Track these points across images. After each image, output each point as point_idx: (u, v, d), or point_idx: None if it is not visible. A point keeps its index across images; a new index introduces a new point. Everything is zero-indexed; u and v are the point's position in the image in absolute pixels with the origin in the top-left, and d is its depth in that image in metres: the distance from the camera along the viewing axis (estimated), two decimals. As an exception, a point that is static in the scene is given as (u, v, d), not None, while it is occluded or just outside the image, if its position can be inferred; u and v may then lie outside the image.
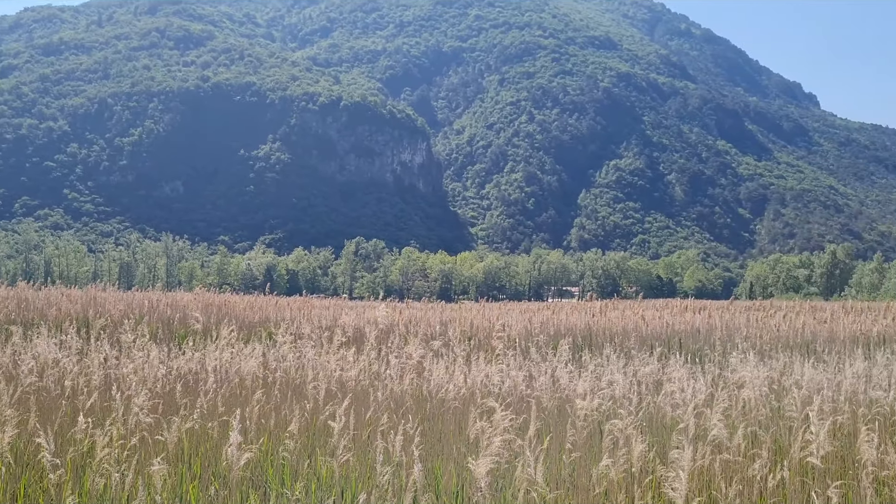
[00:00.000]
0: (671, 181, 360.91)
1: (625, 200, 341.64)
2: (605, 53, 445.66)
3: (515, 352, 12.64)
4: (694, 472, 5.70)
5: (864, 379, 10.56)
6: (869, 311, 32.36)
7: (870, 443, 5.68)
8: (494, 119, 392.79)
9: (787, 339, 22.99)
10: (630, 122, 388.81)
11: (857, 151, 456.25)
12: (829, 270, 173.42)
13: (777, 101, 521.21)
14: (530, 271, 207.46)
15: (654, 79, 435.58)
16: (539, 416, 7.60)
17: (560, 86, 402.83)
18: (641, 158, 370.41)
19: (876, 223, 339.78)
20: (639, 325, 26.62)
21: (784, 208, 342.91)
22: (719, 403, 7.65)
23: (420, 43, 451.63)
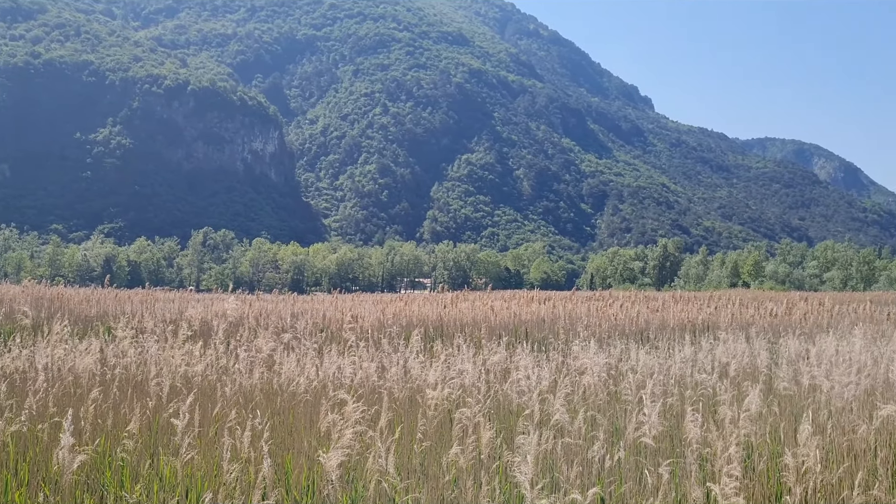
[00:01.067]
0: (519, 176, 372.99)
1: (476, 194, 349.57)
2: (457, 49, 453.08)
3: (368, 343, 12.63)
4: (539, 456, 5.93)
5: (691, 363, 11.39)
6: (695, 301, 34.95)
7: (695, 422, 6.15)
8: (349, 110, 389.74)
9: (623, 328, 24.35)
10: (481, 117, 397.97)
11: (686, 152, 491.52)
12: (661, 263, 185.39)
13: (617, 102, 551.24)
14: (384, 263, 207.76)
15: (504, 76, 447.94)
16: (391, 407, 7.65)
17: (414, 79, 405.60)
18: (492, 153, 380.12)
19: (701, 219, 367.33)
20: (488, 315, 27.30)
21: (622, 204, 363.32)
22: (562, 389, 8.00)
23: (272, 29, 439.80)
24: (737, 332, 18.14)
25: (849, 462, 6.59)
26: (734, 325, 23.27)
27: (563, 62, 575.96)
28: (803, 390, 8.79)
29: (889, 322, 25.23)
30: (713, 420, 7.29)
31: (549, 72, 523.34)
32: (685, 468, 6.07)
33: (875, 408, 7.34)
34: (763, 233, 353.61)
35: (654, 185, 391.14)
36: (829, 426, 7.53)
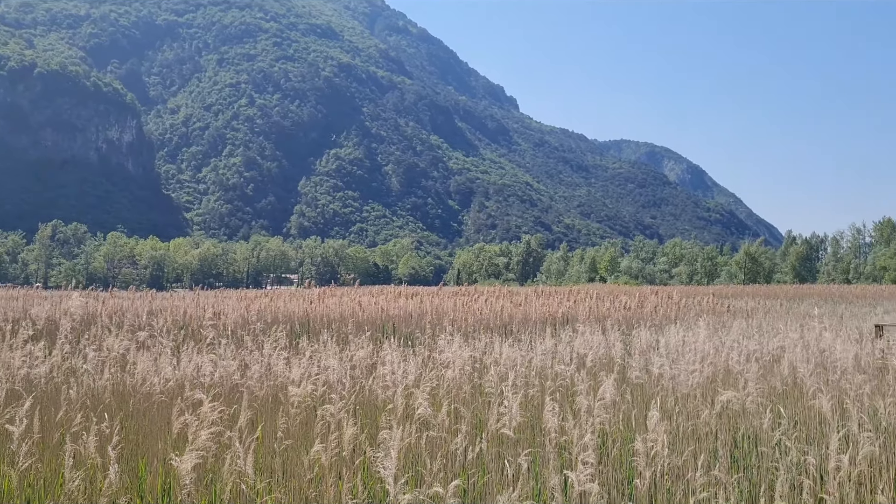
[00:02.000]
0: (388, 172, 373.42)
1: (344, 189, 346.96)
2: (326, 42, 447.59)
3: (230, 341, 12.22)
4: (402, 451, 5.94)
5: (552, 355, 11.78)
6: (556, 295, 36.21)
7: (553, 412, 6.35)
8: (213, 100, 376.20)
9: (488, 322, 24.86)
10: (350, 112, 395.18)
11: (549, 152, 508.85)
12: (525, 258, 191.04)
13: (483, 101, 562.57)
14: (249, 258, 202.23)
15: (373, 72, 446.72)
16: (252, 406, 7.42)
17: (281, 71, 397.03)
18: (360, 149, 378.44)
19: (562, 217, 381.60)
20: (356, 311, 27.13)
21: (488, 201, 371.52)
22: (427, 384, 8.06)
23: (130, 13, 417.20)
24: (594, 325, 18.95)
25: (693, 445, 7.02)
26: (592, 317, 24.29)
27: (432, 60, 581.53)
28: (653, 379, 9.28)
29: (728, 313, 27.14)
30: (571, 409, 7.56)
31: (417, 69, 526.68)
32: (544, 457, 6.26)
33: (716, 393, 7.85)
34: (619, 230, 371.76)
35: (518, 183, 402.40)
36: (675, 412, 7.99)
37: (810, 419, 7.88)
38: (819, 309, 34.60)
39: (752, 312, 29.66)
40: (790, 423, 7.74)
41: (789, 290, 66.94)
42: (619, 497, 5.74)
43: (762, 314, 27.96)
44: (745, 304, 38.67)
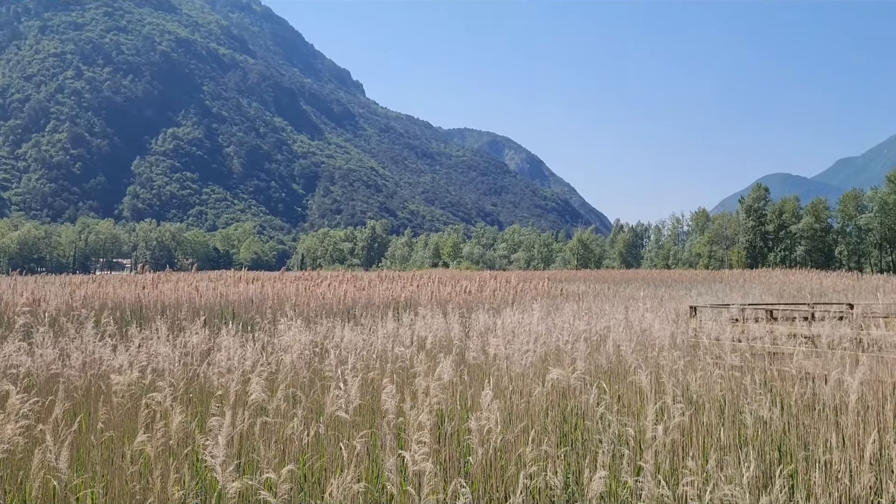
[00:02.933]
0: (230, 153, 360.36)
1: (182, 170, 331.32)
2: (163, 16, 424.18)
3: (48, 329, 11.34)
4: (234, 438, 5.76)
5: (393, 338, 11.84)
6: (399, 280, 36.51)
7: (389, 394, 6.39)
8: (34, 70, 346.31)
9: (331, 306, 24.68)
10: (189, 90, 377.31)
11: (395, 138, 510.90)
12: (370, 244, 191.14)
13: (329, 85, 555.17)
14: (76, 242, 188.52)
15: (214, 49, 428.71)
16: (71, 397, 6.93)
17: (113, 43, 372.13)
18: (200, 128, 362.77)
19: (407, 203, 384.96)
20: (192, 296, 26.04)
21: (333, 186, 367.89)
22: (264, 369, 7.87)
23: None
24: (435, 308, 19.28)
25: (525, 422, 7.30)
26: (433, 301, 24.67)
27: (277, 40, 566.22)
28: (489, 359, 9.56)
29: (562, 297, 28.47)
30: (409, 391, 7.64)
31: (261, 48, 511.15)
32: (382, 439, 6.28)
33: (547, 372, 8.20)
34: (461, 216, 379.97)
35: (364, 168, 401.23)
36: (509, 390, 8.28)
37: (631, 394, 8.42)
38: (643, 292, 37.08)
39: (582, 296, 31.17)
40: (613, 397, 8.23)
41: (617, 274, 71.18)
42: (455, 474, 5.87)
43: (592, 297, 29.49)
44: (577, 287, 40.56)
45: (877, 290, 35.15)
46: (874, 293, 33.97)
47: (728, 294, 34.68)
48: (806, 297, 32.54)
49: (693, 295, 33.53)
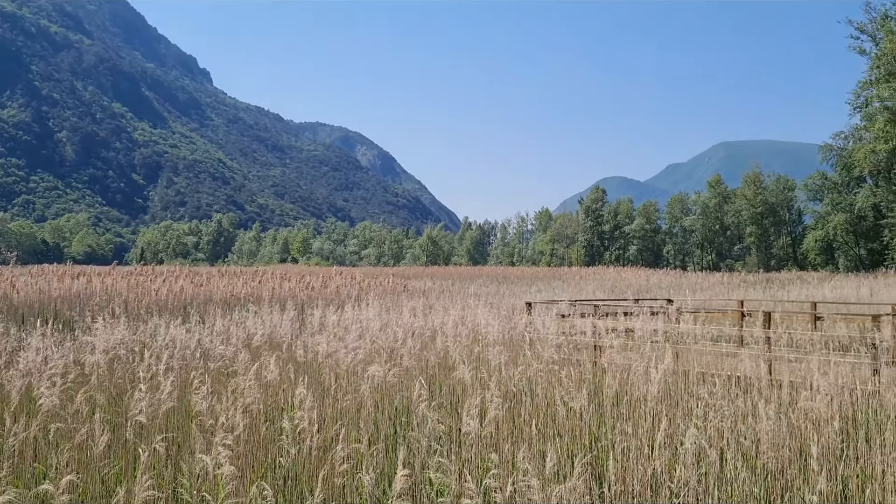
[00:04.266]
0: (62, 139, 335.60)
1: (7, 156, 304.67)
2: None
3: None
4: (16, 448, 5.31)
5: (223, 335, 11.42)
6: (241, 275, 35.43)
7: (200, 394, 6.13)
8: None
9: (166, 302, 23.58)
10: (16, 69, 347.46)
11: (243, 129, 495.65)
12: (216, 238, 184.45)
13: (174, 71, 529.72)
14: None
15: (45, 26, 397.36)
16: None
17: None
18: (28, 111, 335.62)
19: (256, 196, 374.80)
20: (8, 292, 24.00)
21: (177, 177, 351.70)
22: (70, 370, 7.35)
23: None
24: (275, 305, 18.84)
25: (347, 419, 7.25)
26: (275, 298, 24.12)
27: (116, 20, 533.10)
28: (319, 356, 9.41)
29: (406, 293, 28.68)
30: (227, 390, 7.37)
31: (99, 28, 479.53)
32: (191, 442, 6.01)
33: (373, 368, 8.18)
34: (312, 212, 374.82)
35: (210, 159, 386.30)
36: (334, 388, 8.19)
37: (455, 388, 8.56)
38: (486, 288, 38.05)
39: (427, 292, 31.56)
40: (437, 392, 8.34)
41: (464, 271, 72.71)
42: (257, 477, 5.70)
43: (437, 294, 29.91)
44: (424, 284, 41.03)
45: (695, 287, 37.99)
46: (693, 290, 36.68)
47: (565, 290, 36.22)
48: (635, 293, 34.60)
49: (533, 291, 34.74)
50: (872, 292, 27.38)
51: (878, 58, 55.30)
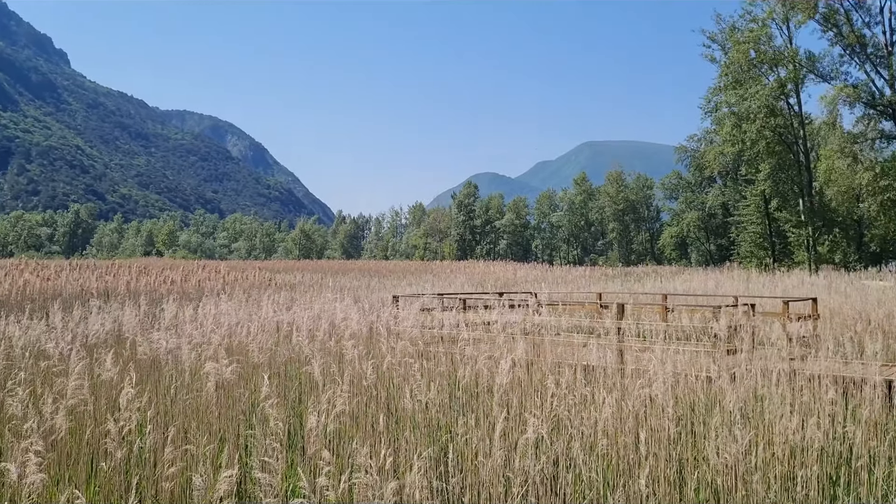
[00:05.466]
0: None
1: None
2: None
3: None
4: None
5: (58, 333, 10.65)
6: (96, 269, 33.43)
7: (16, 396, 5.65)
8: None
9: (7, 298, 21.98)
10: None
11: (104, 115, 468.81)
12: (73, 230, 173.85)
13: (26, 51, 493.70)
14: None
15: None
16: None
17: None
18: None
19: (118, 186, 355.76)
20: None
21: (29, 164, 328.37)
22: None
23: None
24: (128, 300, 17.83)
25: (182, 419, 6.90)
26: (130, 292, 22.90)
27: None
28: (161, 353, 8.93)
29: (272, 287, 27.99)
30: (55, 391, 6.84)
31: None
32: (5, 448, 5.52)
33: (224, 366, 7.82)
34: (179, 203, 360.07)
35: (67, 146, 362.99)
36: (174, 386, 7.78)
37: (305, 383, 8.35)
38: (357, 282, 37.77)
39: (295, 286, 30.99)
40: (287, 388, 8.10)
41: (336, 265, 72.04)
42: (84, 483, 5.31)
43: (305, 288, 29.40)
44: (295, 277, 40.29)
45: (559, 280, 39.26)
46: (557, 283, 37.88)
47: (435, 284, 36.51)
48: (502, 286, 35.31)
49: (403, 285, 34.82)
50: (718, 285, 29.19)
51: (726, 66, 58.91)
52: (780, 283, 28.66)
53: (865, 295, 20.91)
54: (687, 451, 6.76)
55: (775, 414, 6.83)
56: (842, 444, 6.84)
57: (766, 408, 7.20)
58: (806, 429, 6.29)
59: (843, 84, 56.05)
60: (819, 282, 28.52)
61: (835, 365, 8.89)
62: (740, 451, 5.91)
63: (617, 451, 6.37)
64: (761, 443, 6.39)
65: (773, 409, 7.03)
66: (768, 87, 55.85)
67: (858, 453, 6.48)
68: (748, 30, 57.70)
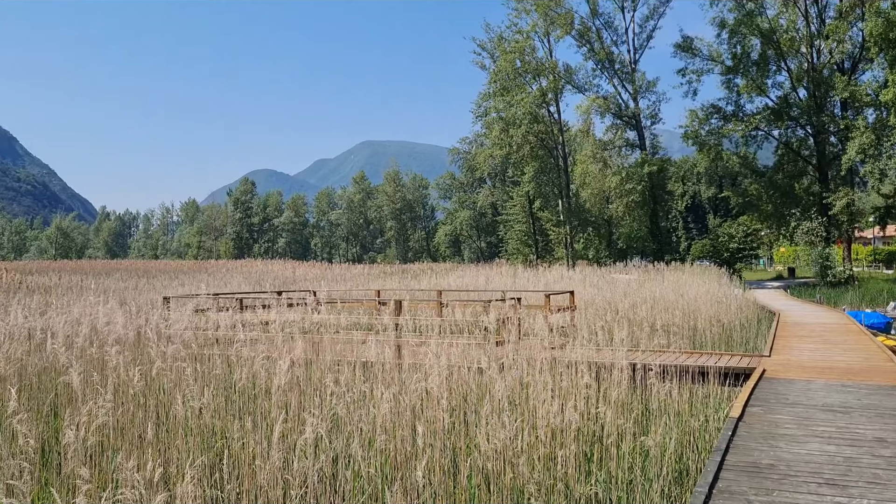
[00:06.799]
0: None
1: None
2: None
3: None
4: None
5: None
6: None
7: None
8: None
9: None
10: None
11: None
12: None
13: None
14: None
15: None
16: None
17: None
18: None
19: None
20: None
21: None
22: None
23: None
24: None
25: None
26: None
27: None
28: None
29: (24, 290, 25.38)
30: None
31: None
32: None
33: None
34: None
35: None
36: None
37: (63, 394, 7.68)
38: (124, 283, 35.29)
39: (52, 288, 28.50)
40: (34, 402, 7.39)
41: (99, 265, 66.74)
42: None
43: (63, 290, 27.05)
44: (50, 279, 37.01)
45: (338, 278, 39.34)
46: (337, 281, 37.94)
47: (210, 284, 35.11)
48: (280, 285, 34.69)
49: (175, 285, 33.18)
50: (488, 280, 30.82)
51: (495, 73, 62.37)
52: (542, 278, 30.83)
53: (614, 287, 23.15)
54: (461, 440, 7.07)
55: (539, 400, 7.34)
56: (595, 424, 7.52)
57: (530, 394, 7.72)
58: (565, 412, 6.83)
59: (595, 95, 61.61)
60: (576, 276, 31.10)
61: (589, 352, 9.73)
62: (508, 437, 6.30)
63: (395, 445, 6.52)
64: (527, 427, 6.85)
65: (536, 395, 7.55)
66: (532, 96, 59.90)
67: (609, 431, 7.16)
68: (514, 41, 61.51)
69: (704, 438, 7.97)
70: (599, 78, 63.77)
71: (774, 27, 52.13)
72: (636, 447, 7.24)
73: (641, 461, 7.00)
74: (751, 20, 51.53)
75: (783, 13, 52.62)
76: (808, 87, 52.45)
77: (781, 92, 54.38)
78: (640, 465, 6.92)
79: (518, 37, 61.57)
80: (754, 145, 57.08)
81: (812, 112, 51.67)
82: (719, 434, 7.38)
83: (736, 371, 11.26)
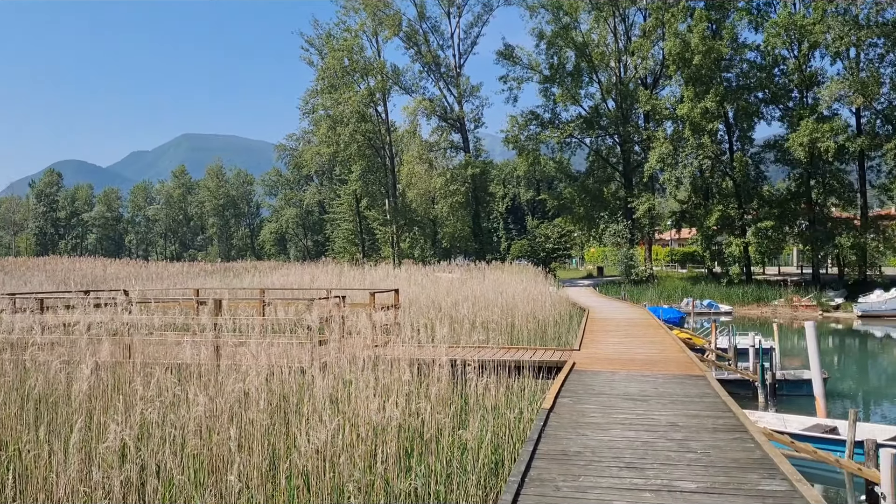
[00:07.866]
0: None
1: None
2: None
3: None
4: None
5: None
6: None
7: None
8: None
9: None
10: None
11: None
12: None
13: None
14: None
15: None
16: None
17: None
18: None
19: None
20: None
21: None
22: None
23: None
24: None
25: None
26: None
27: None
28: None
29: None
30: None
31: None
32: None
33: None
34: None
35: None
36: None
37: None
38: None
39: None
40: None
41: None
42: None
43: None
44: None
45: (154, 276, 37.27)
46: (153, 279, 35.94)
47: (8, 283, 32.26)
48: (89, 284, 32.35)
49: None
50: (314, 279, 30.45)
51: (323, 70, 61.73)
52: (368, 276, 30.91)
53: (438, 286, 23.65)
54: (280, 441, 6.93)
55: (361, 398, 7.36)
56: (416, 420, 7.65)
57: (352, 392, 7.72)
58: (386, 409, 6.89)
59: (421, 97, 62.62)
60: (402, 275, 31.44)
61: (411, 349, 9.88)
62: (328, 436, 6.25)
63: (210, 449, 6.28)
64: (348, 426, 6.83)
65: (358, 393, 7.56)
66: (359, 94, 59.89)
67: (428, 426, 7.31)
68: (343, 39, 61.20)
69: (519, 430, 8.33)
70: (426, 80, 64.92)
71: (587, 41, 55.48)
72: (454, 441, 7.43)
73: (460, 454, 7.20)
74: (566, 33, 54.52)
75: (595, 28, 56.09)
76: (616, 99, 56.30)
77: (593, 102, 57.96)
78: (458, 458, 7.11)
79: (346, 35, 61.31)
80: (569, 151, 60.41)
81: (619, 122, 55.52)
82: (532, 425, 7.74)
83: (549, 365, 11.86)
